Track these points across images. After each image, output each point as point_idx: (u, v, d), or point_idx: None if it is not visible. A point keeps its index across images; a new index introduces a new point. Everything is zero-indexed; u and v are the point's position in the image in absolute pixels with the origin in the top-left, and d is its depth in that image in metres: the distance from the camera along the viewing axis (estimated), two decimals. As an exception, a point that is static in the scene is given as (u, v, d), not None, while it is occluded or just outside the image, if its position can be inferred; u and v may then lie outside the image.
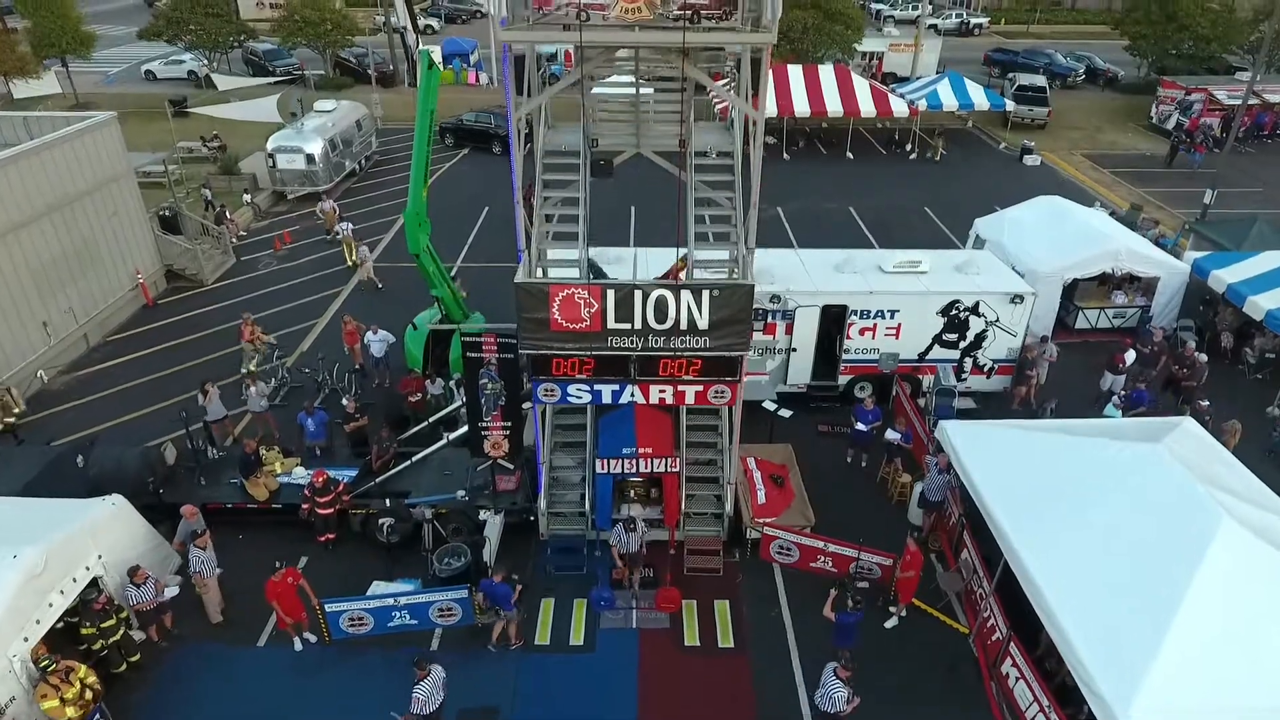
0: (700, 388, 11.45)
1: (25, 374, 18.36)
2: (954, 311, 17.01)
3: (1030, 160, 34.37)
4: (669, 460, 12.93)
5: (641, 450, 12.78)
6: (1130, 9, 43.61)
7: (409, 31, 14.64)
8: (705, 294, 10.45)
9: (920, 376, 17.69)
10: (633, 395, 11.51)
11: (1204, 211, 26.82)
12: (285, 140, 29.19)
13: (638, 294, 10.43)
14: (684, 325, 10.66)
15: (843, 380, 17.79)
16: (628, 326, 10.66)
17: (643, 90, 11.96)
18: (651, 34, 9.05)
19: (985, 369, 17.71)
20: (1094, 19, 69.65)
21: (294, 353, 20.26)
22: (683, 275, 11.69)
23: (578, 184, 12.09)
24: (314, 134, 29.51)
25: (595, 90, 10.36)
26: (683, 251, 11.80)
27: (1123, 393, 16.47)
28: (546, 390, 11.55)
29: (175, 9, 42.69)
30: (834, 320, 17.20)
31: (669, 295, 10.47)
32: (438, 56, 14.68)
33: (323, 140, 29.48)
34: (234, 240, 26.25)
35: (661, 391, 11.48)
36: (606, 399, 11.63)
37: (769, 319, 16.93)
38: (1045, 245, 20.29)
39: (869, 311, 17.00)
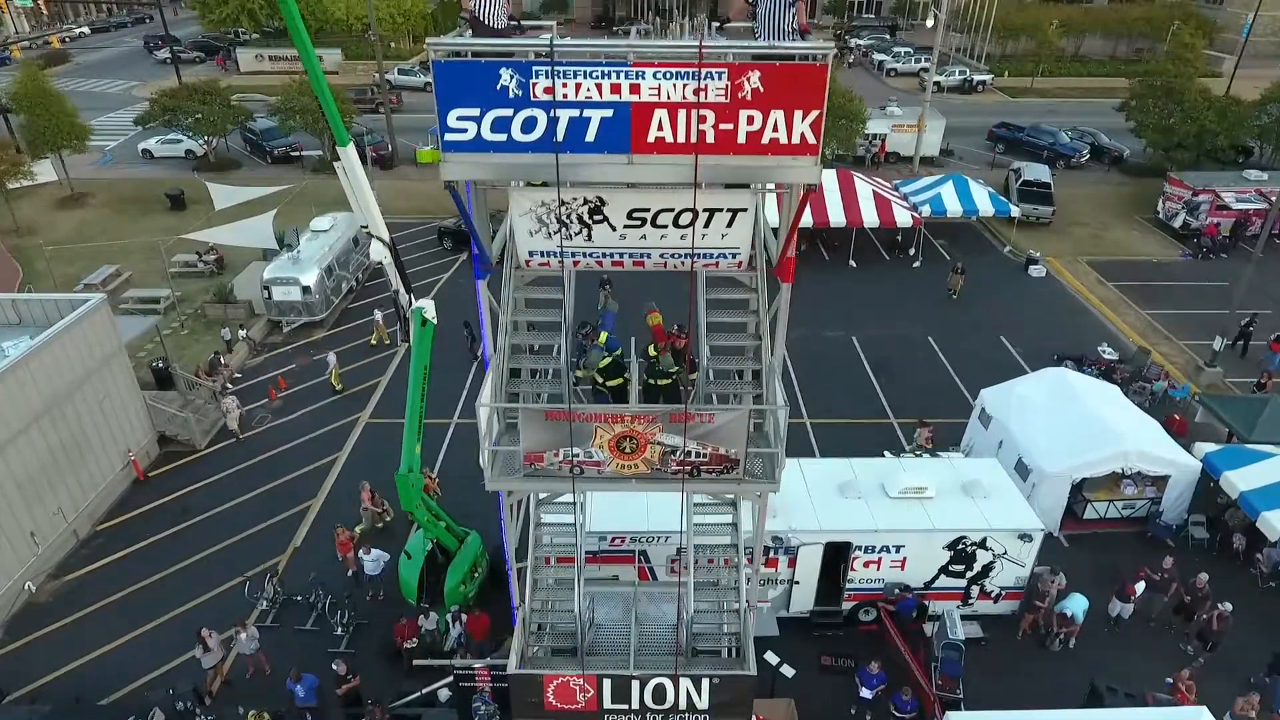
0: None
1: (11, 591, 18.01)
2: (961, 546, 16.64)
3: (1035, 271, 33.93)
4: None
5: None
6: (1137, 95, 43.06)
7: (401, 293, 14.22)
8: (705, 682, 10.08)
9: (926, 603, 17.31)
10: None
11: (1213, 357, 26.39)
12: (280, 271, 28.82)
13: (635, 683, 10.07)
14: (683, 706, 10.30)
15: (847, 606, 17.42)
16: (625, 707, 10.29)
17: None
18: (649, 484, 8.67)
19: (992, 595, 17.35)
20: (1097, 70, 69.28)
21: (287, 549, 19.92)
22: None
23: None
24: (309, 262, 29.14)
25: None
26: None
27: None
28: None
29: (172, 96, 42.26)
30: (838, 552, 16.84)
31: (667, 682, 10.10)
32: (430, 313, 14.29)
33: (319, 269, 29.11)
34: (228, 385, 25.90)
35: (662, 737, 11.12)
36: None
37: (770, 554, 16.54)
38: (1053, 437, 19.87)
39: (874, 547, 16.63)
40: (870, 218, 33.82)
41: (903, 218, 33.95)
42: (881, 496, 17.21)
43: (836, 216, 33.69)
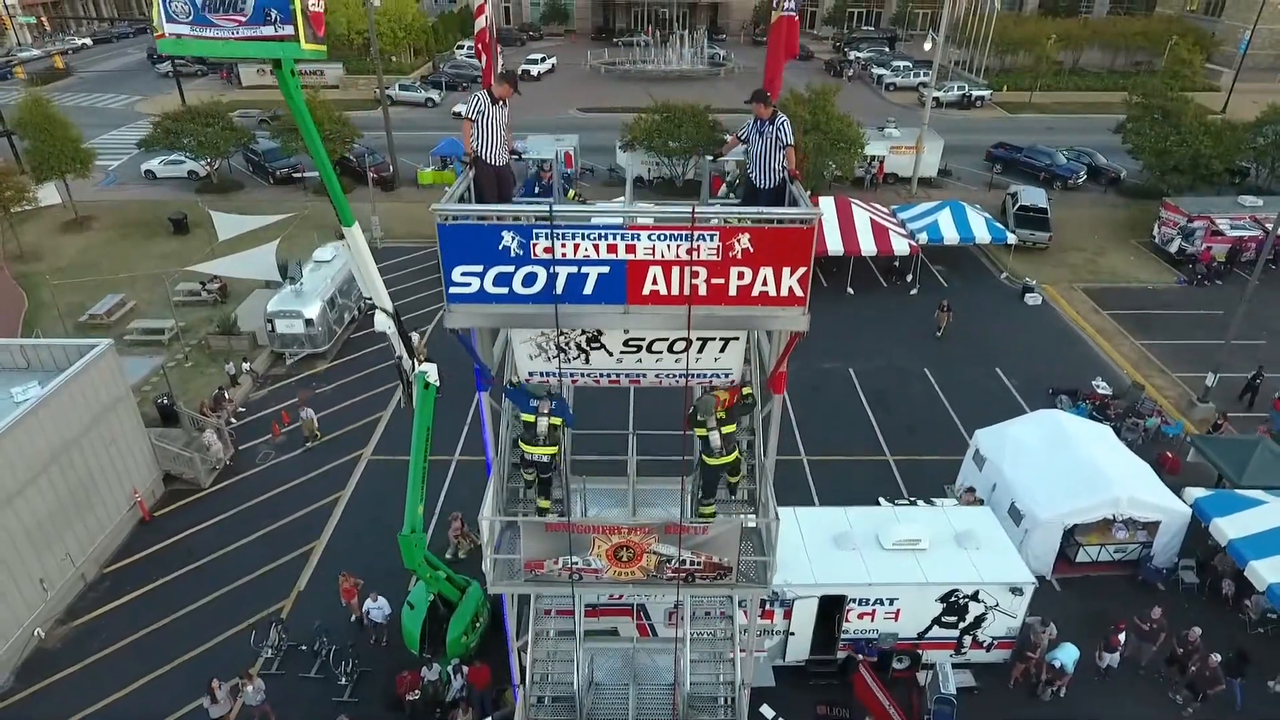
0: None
1: (21, 639, 18.32)
2: (953, 598, 16.95)
3: (1031, 299, 34.19)
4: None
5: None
6: (1134, 118, 43.34)
7: (404, 358, 14.52)
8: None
9: (919, 652, 17.62)
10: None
11: (1205, 393, 26.67)
12: (283, 304, 29.11)
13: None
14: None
15: (841, 655, 17.72)
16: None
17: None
18: (645, 588, 8.98)
19: (985, 645, 17.66)
20: (1096, 84, 69.49)
21: (291, 592, 20.23)
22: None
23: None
24: (312, 295, 29.43)
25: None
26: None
27: None
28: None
29: (175, 119, 42.55)
30: (833, 603, 17.15)
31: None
32: (433, 377, 14.64)
33: (321, 301, 29.40)
34: (232, 419, 26.22)
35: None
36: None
37: (766, 607, 16.83)
38: (1046, 483, 20.17)
39: (868, 600, 16.95)
40: (868, 246, 34.13)
41: (900, 246, 34.25)
42: (876, 548, 17.51)
43: (834, 245, 33.99)
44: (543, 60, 72.14)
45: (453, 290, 7.08)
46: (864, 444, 25.70)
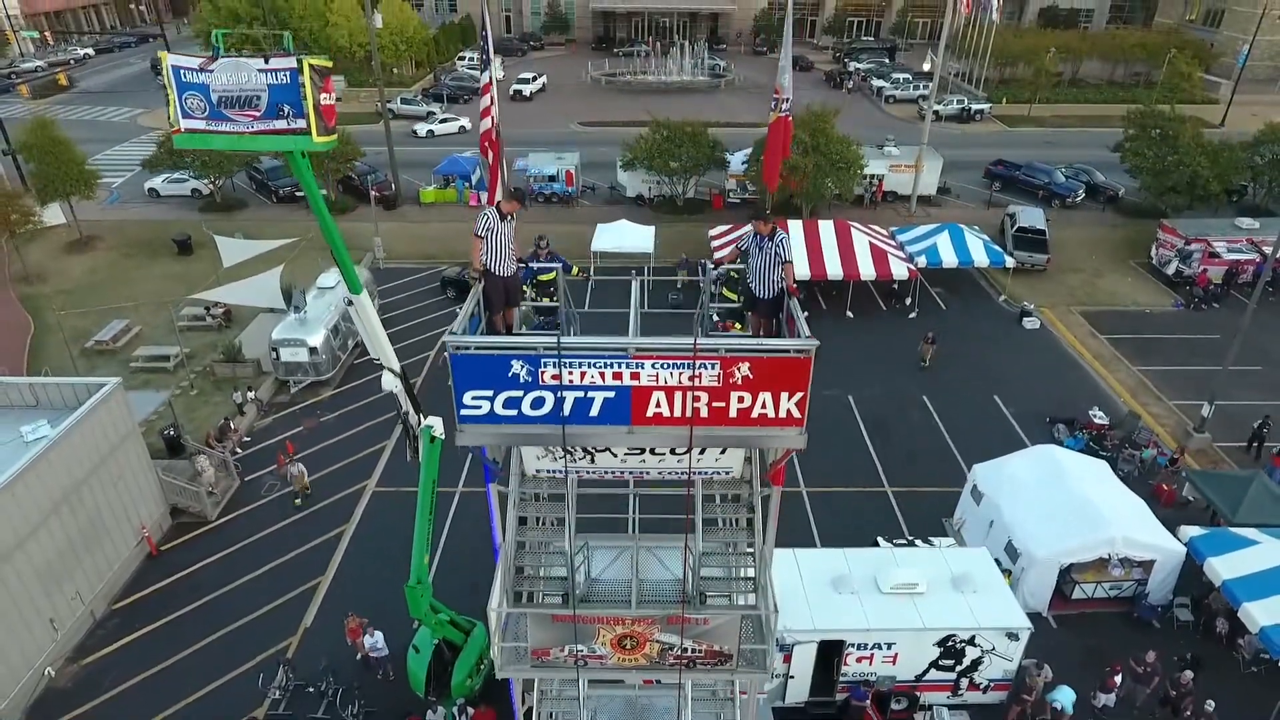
0: None
1: (32, 679, 18.58)
2: (950, 643, 17.23)
3: (1029, 323, 34.45)
4: None
5: None
6: (1131, 138, 43.58)
7: (410, 414, 14.76)
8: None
9: (917, 694, 17.87)
10: None
11: (1202, 423, 26.92)
12: (288, 333, 29.35)
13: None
14: None
15: (840, 697, 17.99)
16: None
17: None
18: (649, 673, 9.25)
19: (981, 687, 17.93)
20: (1095, 96, 69.75)
21: (298, 629, 20.49)
22: None
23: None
24: (316, 323, 29.70)
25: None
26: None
27: None
28: None
29: (177, 140, 42.73)
30: (832, 646, 17.42)
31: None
32: (438, 430, 14.92)
33: (325, 330, 29.66)
34: (237, 449, 26.49)
35: None
36: None
37: (767, 651, 17.09)
38: (1042, 521, 20.43)
39: (866, 644, 17.22)
40: (867, 270, 34.38)
41: (899, 270, 34.48)
42: (874, 592, 17.78)
43: (834, 269, 34.26)
44: (534, 79, 70.58)
45: (464, 412, 7.38)
46: (863, 475, 25.96)
